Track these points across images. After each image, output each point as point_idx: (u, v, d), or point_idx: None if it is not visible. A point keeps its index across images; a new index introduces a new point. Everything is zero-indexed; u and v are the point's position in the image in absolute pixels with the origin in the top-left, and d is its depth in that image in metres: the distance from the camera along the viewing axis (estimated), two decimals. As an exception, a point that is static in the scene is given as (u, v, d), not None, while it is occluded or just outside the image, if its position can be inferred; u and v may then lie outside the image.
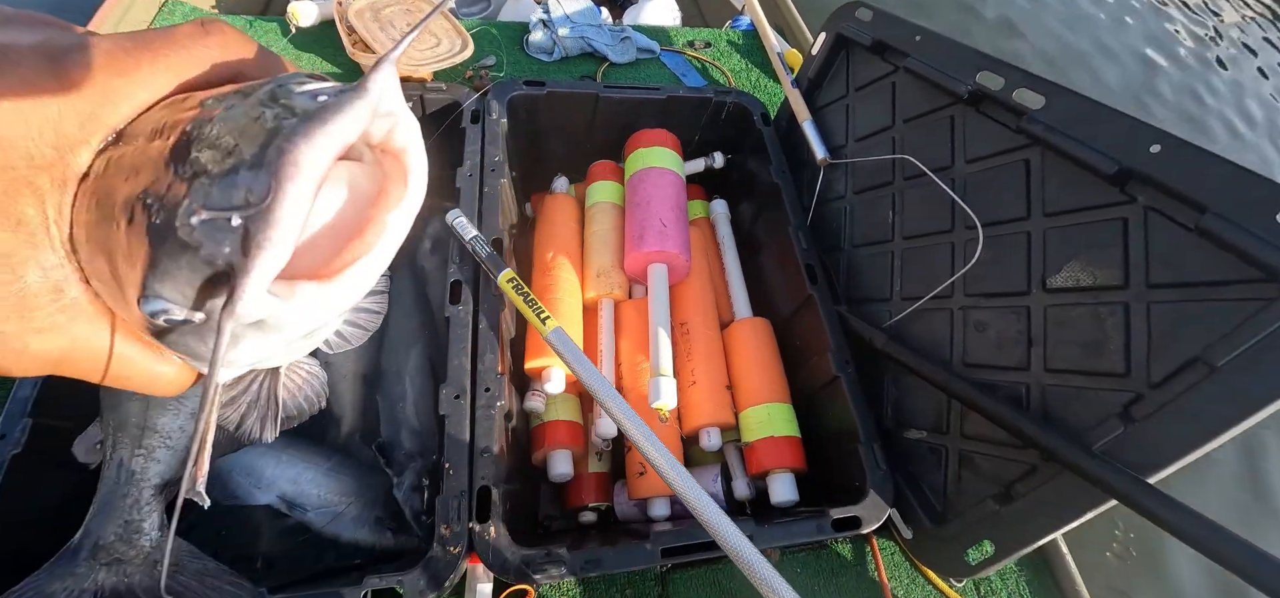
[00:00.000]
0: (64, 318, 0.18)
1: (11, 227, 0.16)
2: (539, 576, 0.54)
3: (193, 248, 0.17)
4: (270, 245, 0.16)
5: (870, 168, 0.74)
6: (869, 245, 0.74)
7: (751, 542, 0.49)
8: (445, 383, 0.58)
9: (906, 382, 0.69)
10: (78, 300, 0.18)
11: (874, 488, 0.62)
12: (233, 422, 0.38)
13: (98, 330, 0.19)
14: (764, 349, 0.75)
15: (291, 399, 0.43)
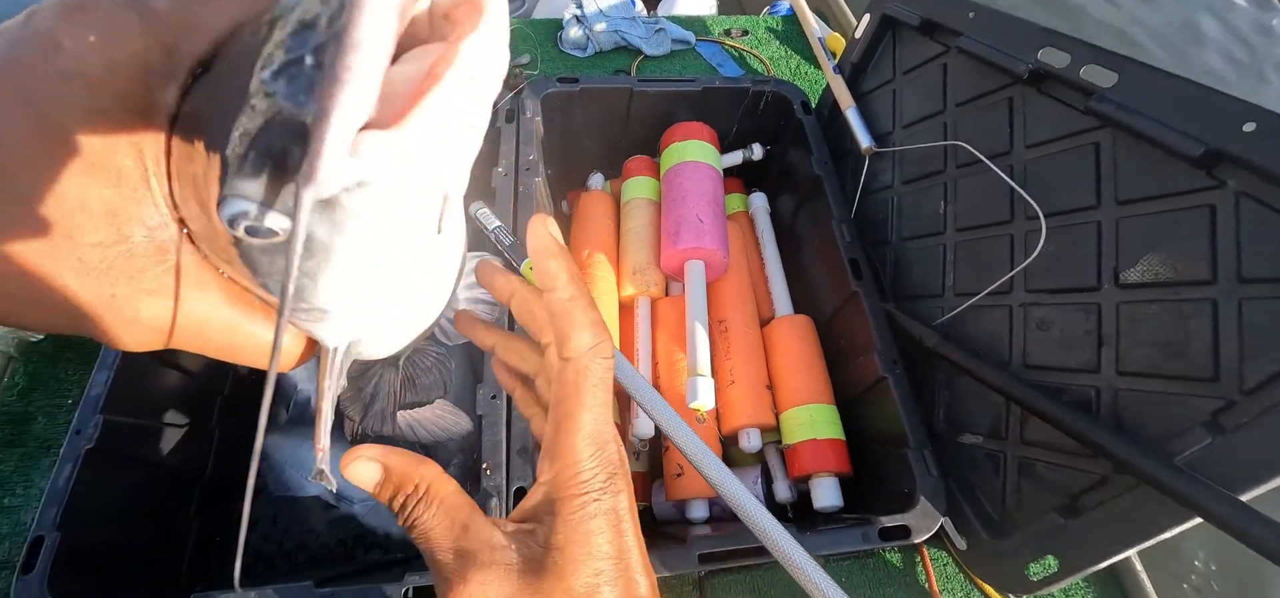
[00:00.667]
0: (170, 280, 0.17)
1: (113, 181, 0.15)
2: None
3: (264, 113, 0.14)
4: (348, 75, 0.12)
5: (920, 156, 0.70)
6: (918, 239, 0.70)
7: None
8: (481, 383, 0.59)
9: (960, 384, 0.65)
10: (183, 262, 0.17)
11: (925, 496, 0.58)
12: (360, 411, 0.36)
13: (204, 293, 0.18)
14: (806, 348, 0.72)
15: (420, 380, 0.41)
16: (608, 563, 0.23)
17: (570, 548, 0.22)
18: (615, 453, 0.24)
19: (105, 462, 0.59)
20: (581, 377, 0.23)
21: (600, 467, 0.23)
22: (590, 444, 0.23)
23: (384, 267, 0.18)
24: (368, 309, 0.20)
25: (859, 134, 0.75)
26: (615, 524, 0.23)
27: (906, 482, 0.61)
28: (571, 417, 0.23)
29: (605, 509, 0.23)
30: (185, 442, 0.70)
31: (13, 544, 0.61)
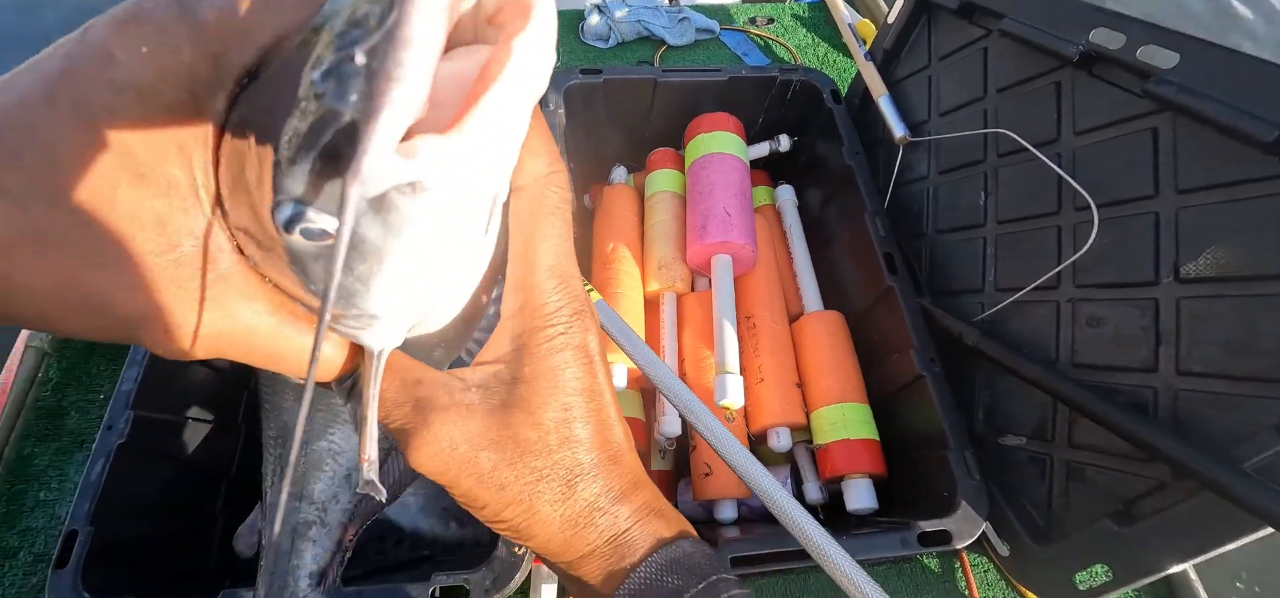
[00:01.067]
0: (218, 290, 0.17)
1: (163, 191, 0.15)
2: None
3: (314, 113, 0.14)
4: (399, 72, 0.12)
5: (957, 145, 0.67)
6: (956, 231, 0.67)
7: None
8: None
9: (1002, 383, 0.62)
10: (230, 271, 0.17)
11: (966, 500, 0.56)
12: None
13: (251, 303, 0.18)
14: (837, 345, 0.70)
15: None
16: (578, 399, 0.22)
17: (538, 381, 0.21)
18: (580, 289, 0.23)
19: (136, 457, 0.60)
20: (538, 205, 0.21)
21: (566, 300, 0.22)
22: (552, 277, 0.22)
23: (435, 270, 0.18)
24: (416, 312, 0.19)
25: (892, 123, 0.73)
26: (585, 361, 0.22)
27: (945, 484, 0.59)
28: (531, 246, 0.21)
29: (574, 343, 0.22)
30: (213, 438, 0.70)
31: (47, 538, 0.62)
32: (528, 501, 0.21)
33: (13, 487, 0.63)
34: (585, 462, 0.22)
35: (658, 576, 0.22)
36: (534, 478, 0.21)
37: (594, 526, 0.23)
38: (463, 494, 0.21)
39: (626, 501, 0.23)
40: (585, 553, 0.23)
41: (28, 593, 0.59)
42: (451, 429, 0.20)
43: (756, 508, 0.69)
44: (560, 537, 0.22)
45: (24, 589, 0.59)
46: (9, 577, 0.59)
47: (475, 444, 0.20)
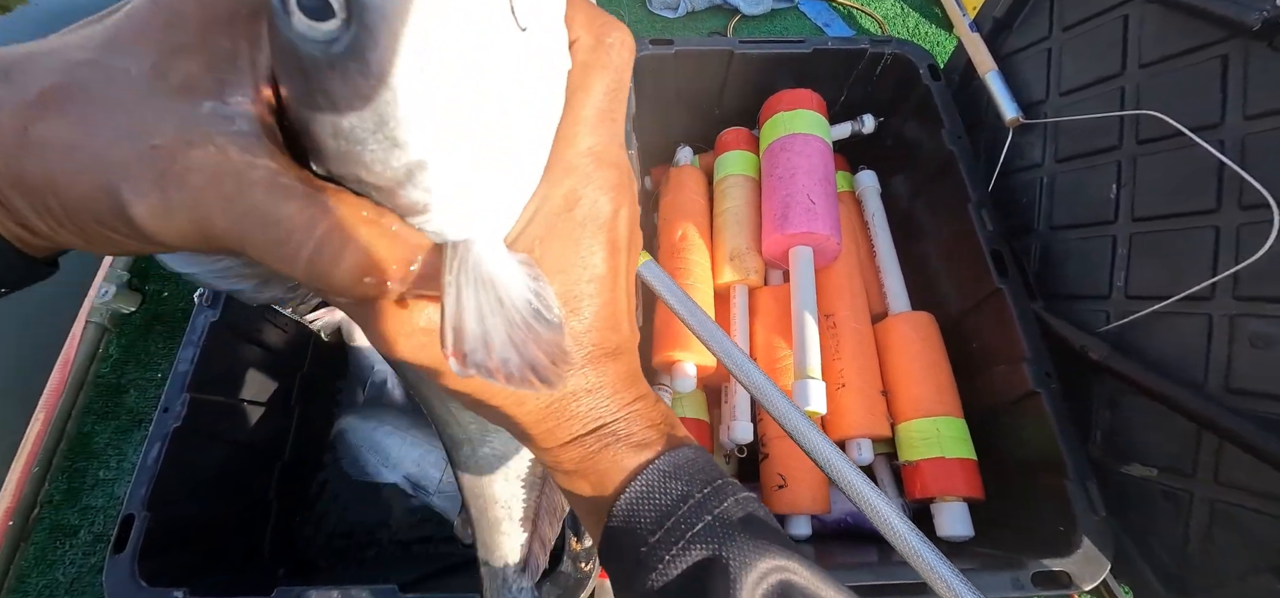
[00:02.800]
0: (250, 164, 0.15)
1: (208, 63, 0.15)
2: None
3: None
4: None
5: (1083, 129, 0.59)
6: (1077, 228, 0.59)
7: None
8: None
9: (1128, 404, 0.54)
10: (269, 161, 0.15)
11: (1089, 538, 0.49)
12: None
13: (287, 196, 0.16)
14: (930, 351, 0.63)
15: None
16: (589, 286, 0.19)
17: (548, 256, 0.18)
18: (621, 159, 0.20)
19: (191, 439, 0.58)
20: (590, 57, 0.19)
21: (596, 169, 0.19)
22: (589, 136, 0.19)
23: (469, 85, 0.15)
24: (471, 161, 0.15)
25: (1002, 103, 0.64)
26: (607, 245, 0.19)
27: (1061, 518, 0.52)
28: (570, 102, 0.18)
29: (597, 221, 0.19)
30: (266, 420, 0.69)
31: (106, 518, 0.61)
32: (489, 390, 0.19)
33: (74, 464, 0.63)
34: (572, 350, 0.19)
35: (661, 482, 0.21)
36: None
37: (576, 413, 0.21)
38: (416, 370, 0.19)
39: (617, 395, 0.21)
40: (568, 441, 0.21)
41: (87, 573, 0.59)
42: (427, 324, 0.18)
43: (830, 524, 0.64)
44: (540, 417, 0.20)
45: (83, 568, 0.59)
46: (69, 556, 0.59)
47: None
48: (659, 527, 0.20)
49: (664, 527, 0.20)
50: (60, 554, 0.59)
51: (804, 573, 0.19)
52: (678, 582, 0.19)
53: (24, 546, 0.59)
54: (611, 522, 0.21)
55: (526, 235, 0.18)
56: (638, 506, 0.20)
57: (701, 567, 0.19)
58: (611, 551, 0.21)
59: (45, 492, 0.61)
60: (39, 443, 0.62)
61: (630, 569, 0.20)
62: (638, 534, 0.20)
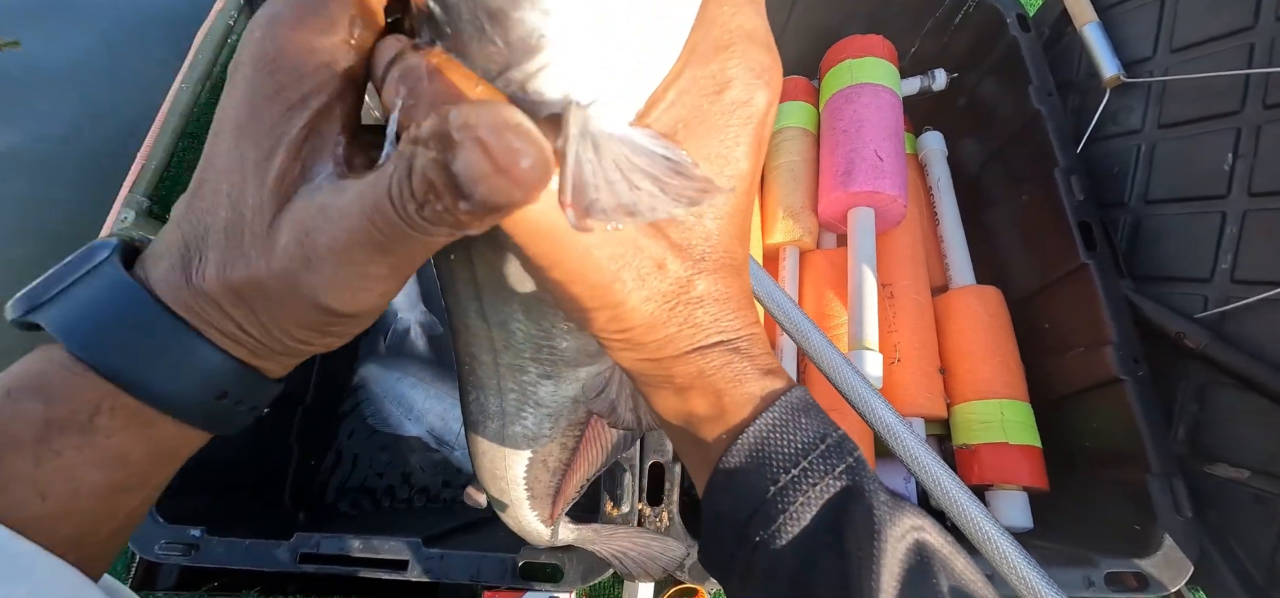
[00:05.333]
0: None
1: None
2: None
3: None
4: None
5: (1196, 91, 0.52)
6: (1177, 202, 0.53)
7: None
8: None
9: (1221, 398, 0.49)
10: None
11: (1173, 538, 0.45)
12: (608, 407, 0.29)
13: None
14: (997, 329, 0.58)
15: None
16: (732, 183, 0.17)
17: (689, 142, 0.16)
18: (772, 43, 0.18)
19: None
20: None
21: (750, 54, 0.16)
22: (739, 14, 0.16)
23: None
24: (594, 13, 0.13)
25: (1101, 58, 0.58)
26: (752, 143, 0.17)
27: (1138, 516, 0.48)
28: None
29: (745, 115, 0.17)
30: (288, 360, 0.66)
31: (125, 450, 0.59)
32: (615, 271, 0.17)
33: (92, 392, 0.61)
34: (702, 249, 0.18)
35: (794, 416, 0.18)
36: (630, 252, 0.17)
37: (700, 322, 0.18)
38: (539, 253, 0.16)
39: (741, 312, 0.19)
40: (688, 350, 0.18)
41: (106, 505, 0.57)
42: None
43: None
44: (663, 319, 0.18)
45: (102, 500, 0.57)
46: (88, 486, 0.58)
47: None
48: (793, 465, 0.18)
49: (799, 465, 0.18)
50: (79, 484, 0.57)
51: (938, 536, 0.18)
52: (809, 530, 0.17)
53: (42, 473, 0.57)
54: (731, 457, 0.18)
55: (666, 117, 0.16)
56: (770, 439, 0.18)
57: (838, 511, 0.17)
58: (724, 490, 0.19)
59: (63, 420, 0.59)
60: (57, 370, 0.60)
61: (746, 513, 0.18)
62: (766, 472, 0.18)
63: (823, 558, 0.17)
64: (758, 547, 0.18)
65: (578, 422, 0.33)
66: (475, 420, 0.32)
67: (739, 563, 0.19)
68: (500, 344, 0.27)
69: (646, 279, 0.17)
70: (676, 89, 0.16)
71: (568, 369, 0.28)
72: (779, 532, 0.17)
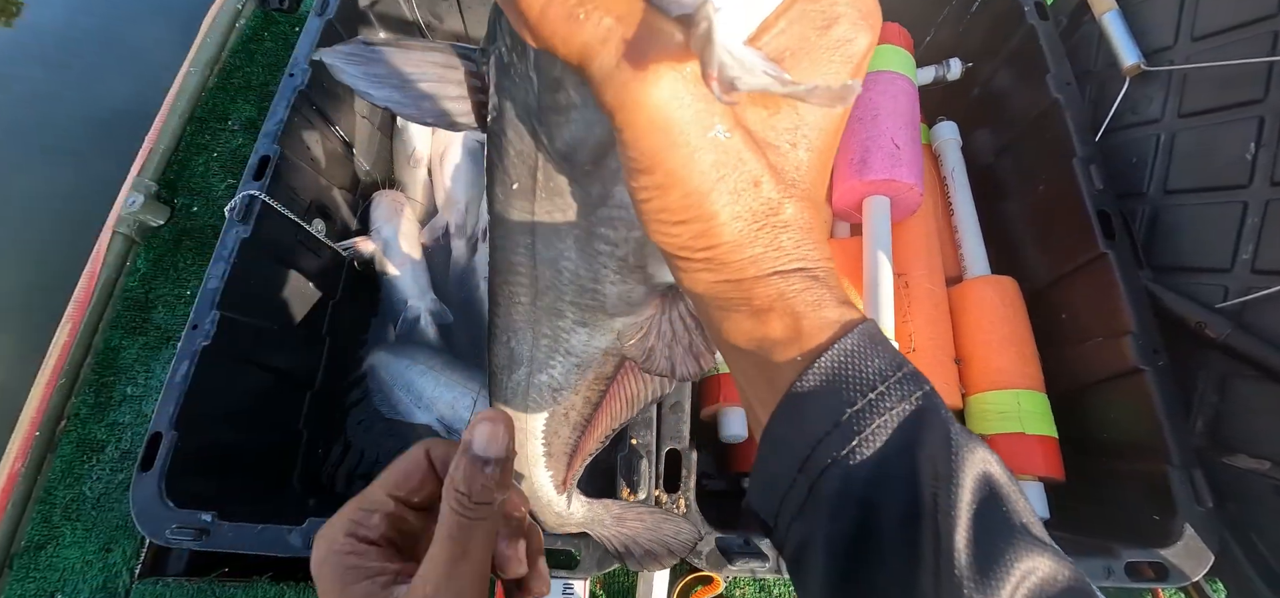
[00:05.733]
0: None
1: None
2: (735, 567, 0.44)
3: None
4: None
5: (1218, 79, 0.52)
6: (1198, 192, 0.53)
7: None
8: (630, 322, 0.49)
9: (1242, 389, 0.49)
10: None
11: (1194, 528, 0.45)
12: (644, 354, 0.29)
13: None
14: (1012, 319, 0.58)
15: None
16: (824, 119, 0.19)
17: (799, 63, 0.18)
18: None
19: (220, 359, 0.55)
20: None
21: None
22: None
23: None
24: None
25: (1120, 46, 0.57)
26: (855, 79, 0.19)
27: (1157, 507, 0.47)
28: None
29: (848, 51, 0.18)
30: (297, 347, 0.66)
31: (134, 434, 0.59)
32: (715, 179, 0.17)
33: (101, 377, 0.61)
34: (793, 177, 0.19)
35: (870, 345, 0.19)
36: (732, 163, 0.17)
37: (784, 246, 0.19)
38: (645, 152, 0.17)
39: (819, 246, 0.20)
40: (770, 272, 0.19)
41: (114, 489, 0.57)
42: (675, 81, 0.16)
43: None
44: (750, 237, 0.18)
45: (110, 484, 0.57)
46: (96, 471, 0.57)
47: (689, 104, 0.16)
48: (870, 389, 0.18)
49: (876, 389, 0.18)
50: (87, 469, 0.57)
51: (1003, 473, 0.18)
52: (884, 452, 0.17)
53: (50, 458, 0.57)
54: (807, 379, 0.18)
55: (775, 43, 0.17)
56: (849, 363, 0.18)
57: (913, 435, 0.17)
58: (793, 413, 0.19)
59: (72, 405, 0.58)
60: (65, 355, 0.59)
61: (818, 434, 0.18)
62: (843, 394, 0.18)
63: (896, 479, 0.17)
64: (826, 470, 0.18)
65: (604, 376, 0.33)
66: (501, 366, 0.32)
67: (798, 491, 0.19)
68: (544, 284, 0.27)
69: (741, 195, 0.17)
70: (788, 17, 0.17)
71: (605, 319, 0.28)
72: (854, 452, 0.18)
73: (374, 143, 0.77)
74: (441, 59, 0.24)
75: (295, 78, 0.60)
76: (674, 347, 0.28)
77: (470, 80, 0.24)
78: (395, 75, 0.23)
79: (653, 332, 0.28)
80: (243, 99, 0.70)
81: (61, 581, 0.53)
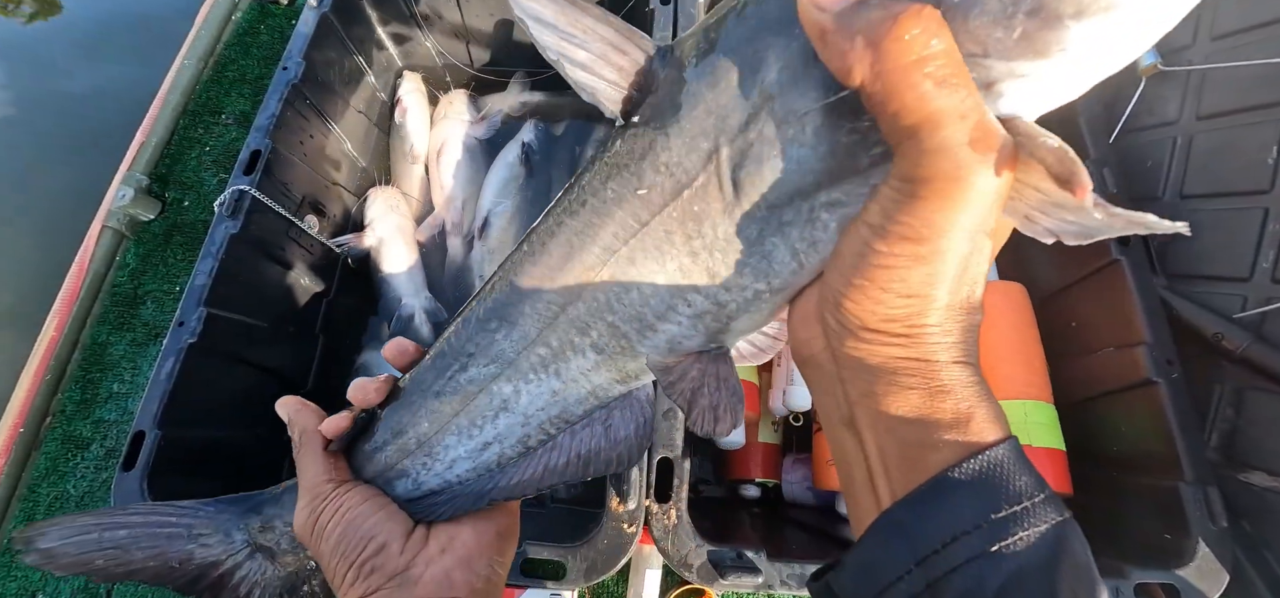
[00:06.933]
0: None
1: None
2: (727, 580, 0.43)
3: None
4: None
5: (1239, 80, 0.50)
6: (1216, 197, 0.51)
7: None
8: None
9: (1260, 403, 0.47)
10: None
11: (1209, 547, 0.43)
12: (683, 402, 0.27)
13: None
14: (1020, 327, 0.56)
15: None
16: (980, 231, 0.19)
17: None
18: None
19: (208, 357, 0.54)
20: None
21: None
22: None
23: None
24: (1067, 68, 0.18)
25: (1136, 46, 0.55)
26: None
27: (1169, 525, 0.45)
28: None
29: (984, 191, 0.18)
30: (288, 345, 0.65)
31: (119, 432, 0.58)
32: (949, 276, 0.20)
33: (87, 373, 0.60)
34: (982, 283, 0.21)
35: (1020, 456, 0.19)
36: (973, 262, 0.19)
37: (970, 338, 0.21)
38: (921, 223, 0.19)
39: (963, 355, 0.21)
40: (959, 359, 0.20)
41: (98, 488, 0.56)
42: (998, 182, 0.18)
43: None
44: (946, 322, 0.20)
45: (95, 483, 0.56)
46: (81, 469, 0.56)
47: (990, 204, 0.18)
48: (1019, 500, 0.18)
49: (1023, 502, 0.18)
50: (71, 466, 0.56)
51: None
52: (1024, 565, 0.18)
53: (35, 454, 0.56)
54: (960, 471, 0.19)
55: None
56: (1003, 467, 0.19)
57: (1052, 558, 0.18)
58: (938, 501, 0.19)
59: (57, 401, 0.58)
60: (51, 350, 0.58)
61: (957, 531, 0.19)
62: (994, 497, 0.18)
63: (1032, 595, 0.18)
64: (959, 568, 0.18)
65: (564, 420, 0.31)
66: (465, 350, 0.30)
67: (911, 583, 0.19)
68: (595, 296, 0.26)
69: (960, 288, 0.20)
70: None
71: (628, 357, 0.27)
72: (998, 556, 0.18)
73: (371, 138, 0.76)
74: (613, 37, 0.24)
75: (289, 71, 0.59)
76: (718, 396, 0.28)
77: (634, 71, 0.24)
78: (560, 28, 0.24)
79: (691, 379, 0.28)
80: (237, 93, 0.69)
81: (43, 580, 0.52)
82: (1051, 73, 0.19)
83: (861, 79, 0.18)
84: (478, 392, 0.31)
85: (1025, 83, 0.19)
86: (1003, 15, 0.17)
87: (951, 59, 0.18)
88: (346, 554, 0.30)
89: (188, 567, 0.35)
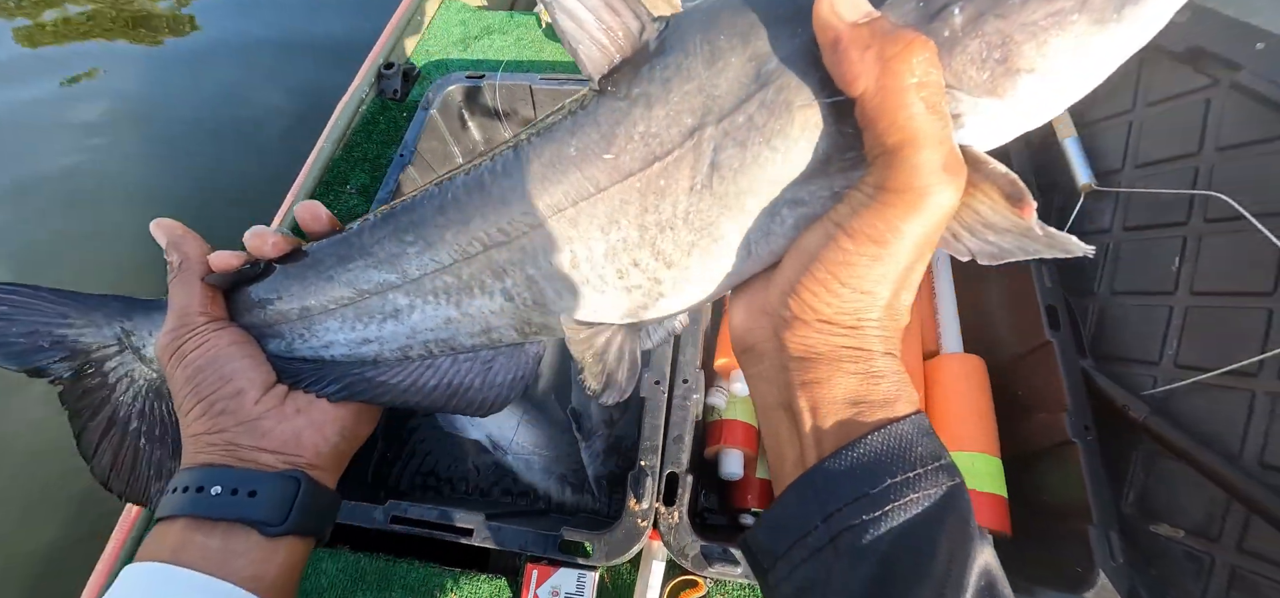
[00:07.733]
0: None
1: None
2: (714, 570, 0.55)
3: None
4: None
5: (1154, 203, 0.61)
6: (1136, 295, 0.62)
7: None
8: (647, 368, 0.62)
9: (1164, 467, 0.57)
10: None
11: (1108, 576, 0.53)
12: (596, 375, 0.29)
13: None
14: (975, 393, 0.67)
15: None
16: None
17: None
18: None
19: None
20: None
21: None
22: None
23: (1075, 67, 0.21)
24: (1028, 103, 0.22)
25: (1077, 167, 0.67)
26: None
27: (1080, 559, 0.55)
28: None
29: (943, 207, 0.21)
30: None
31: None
32: (899, 278, 0.23)
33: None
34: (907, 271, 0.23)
35: (926, 428, 0.22)
36: (917, 268, 0.23)
37: (897, 332, 0.24)
38: (888, 229, 0.21)
39: (892, 348, 0.24)
40: (888, 352, 0.23)
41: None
42: (956, 200, 0.21)
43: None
44: (886, 318, 0.23)
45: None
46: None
47: (946, 218, 0.21)
48: (922, 464, 0.21)
49: (926, 466, 0.21)
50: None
51: (1000, 570, 0.22)
52: (915, 520, 0.20)
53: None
54: (873, 440, 0.21)
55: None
56: (913, 436, 0.21)
57: (939, 516, 0.20)
58: (850, 462, 0.21)
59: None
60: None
61: (864, 489, 0.21)
62: (901, 461, 0.21)
63: (917, 546, 0.20)
64: (863, 523, 0.20)
65: (428, 351, 0.30)
66: (373, 253, 0.29)
67: (816, 537, 0.21)
68: (526, 240, 0.26)
69: (903, 292, 0.23)
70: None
71: (543, 311, 0.27)
72: (891, 513, 0.20)
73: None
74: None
75: (404, 156, 0.78)
76: (618, 369, 0.29)
77: (623, 35, 0.23)
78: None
79: (597, 346, 0.28)
80: (360, 168, 0.89)
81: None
82: (1002, 112, 0.21)
83: (864, 89, 0.20)
84: (372, 293, 0.30)
85: (982, 118, 0.21)
86: (980, 59, 0.20)
87: (940, 89, 0.20)
88: (200, 388, 0.30)
89: (59, 349, 0.35)
